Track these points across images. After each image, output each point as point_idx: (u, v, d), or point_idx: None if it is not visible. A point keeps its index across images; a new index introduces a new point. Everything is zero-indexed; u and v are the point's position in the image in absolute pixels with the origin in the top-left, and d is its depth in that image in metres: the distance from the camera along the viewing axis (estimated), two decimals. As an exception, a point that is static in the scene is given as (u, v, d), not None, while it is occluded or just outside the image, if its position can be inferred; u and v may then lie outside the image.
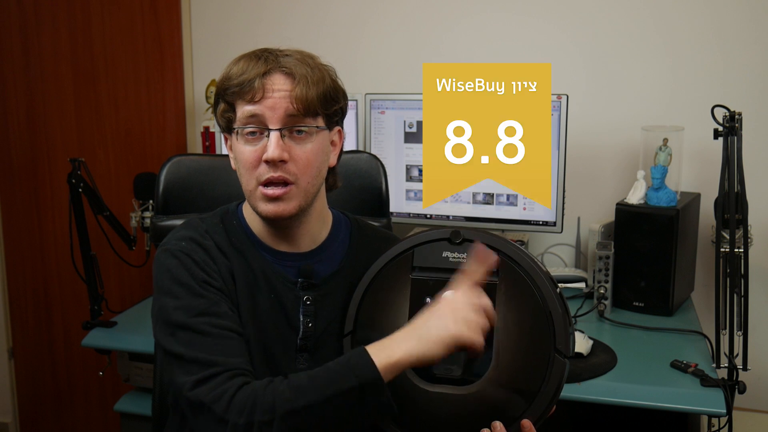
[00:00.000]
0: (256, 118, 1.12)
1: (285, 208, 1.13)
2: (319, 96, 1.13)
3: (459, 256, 1.13)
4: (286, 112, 1.11)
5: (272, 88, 1.11)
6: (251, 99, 1.11)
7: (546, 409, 1.07)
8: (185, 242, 1.16)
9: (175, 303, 1.11)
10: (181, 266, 1.13)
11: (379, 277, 1.17)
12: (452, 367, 1.09)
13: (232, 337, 1.09)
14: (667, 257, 1.91)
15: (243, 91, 1.12)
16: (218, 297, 1.12)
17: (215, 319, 1.09)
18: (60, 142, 2.75)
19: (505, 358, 1.07)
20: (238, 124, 1.14)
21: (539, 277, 1.09)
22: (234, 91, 1.12)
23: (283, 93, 1.11)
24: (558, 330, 1.07)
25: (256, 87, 1.11)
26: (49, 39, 2.69)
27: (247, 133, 1.13)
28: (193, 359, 1.06)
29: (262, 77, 1.11)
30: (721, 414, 1.48)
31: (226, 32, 2.53)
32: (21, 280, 2.90)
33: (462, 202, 2.15)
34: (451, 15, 2.32)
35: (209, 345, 1.07)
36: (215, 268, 1.15)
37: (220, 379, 1.04)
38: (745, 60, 2.11)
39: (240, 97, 1.12)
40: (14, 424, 2.98)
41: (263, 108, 1.11)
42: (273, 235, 1.21)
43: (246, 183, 1.15)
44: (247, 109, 1.12)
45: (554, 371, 1.06)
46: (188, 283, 1.12)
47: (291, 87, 1.12)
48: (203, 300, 1.11)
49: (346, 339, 1.18)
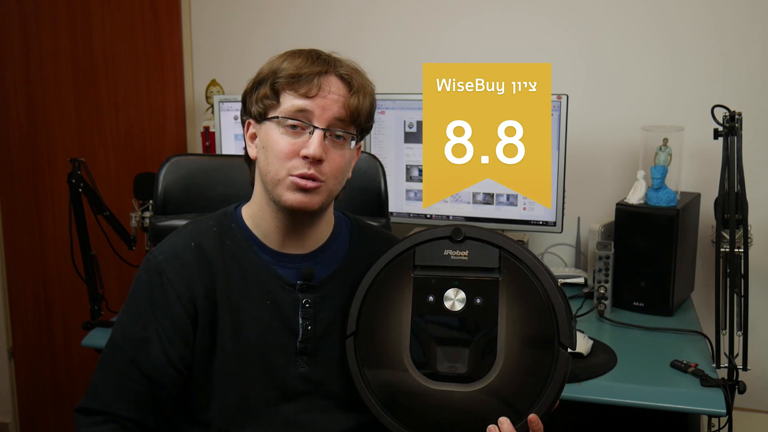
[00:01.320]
0: (304, 113, 1.12)
1: (311, 200, 1.14)
2: (367, 109, 1.16)
3: (460, 254, 1.13)
4: (335, 116, 1.13)
5: (329, 89, 1.12)
6: (305, 93, 1.12)
7: (552, 404, 1.07)
8: (164, 257, 1.17)
9: (122, 317, 1.18)
10: (146, 285, 1.16)
11: (380, 276, 1.17)
12: (457, 365, 1.09)
13: (140, 383, 1.13)
14: (667, 257, 1.91)
15: (298, 84, 1.12)
16: (160, 331, 1.14)
17: (139, 355, 1.13)
18: (60, 142, 2.75)
19: (509, 355, 1.08)
20: (283, 114, 1.13)
21: (541, 272, 1.10)
22: (287, 81, 1.12)
23: (336, 96, 1.13)
24: (561, 324, 1.07)
25: (314, 83, 1.11)
26: (49, 39, 2.69)
27: (290, 125, 1.13)
28: (95, 384, 1.15)
29: (321, 76, 1.12)
30: (721, 414, 1.47)
31: (226, 32, 2.53)
32: (21, 280, 2.90)
33: (462, 202, 2.15)
34: (451, 15, 2.32)
35: (115, 380, 1.13)
36: (183, 291, 1.15)
37: (97, 419, 1.13)
38: (745, 60, 2.11)
39: (292, 89, 1.12)
40: (14, 424, 2.98)
41: (314, 105, 1.12)
42: (281, 234, 1.20)
43: (275, 172, 1.13)
44: (298, 102, 1.12)
45: (559, 365, 1.06)
46: (141, 305, 1.15)
47: (346, 93, 1.14)
48: (141, 329, 1.14)
49: (348, 339, 1.17)
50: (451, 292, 1.13)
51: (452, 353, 1.10)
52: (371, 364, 1.15)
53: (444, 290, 1.13)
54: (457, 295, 1.12)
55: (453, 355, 1.09)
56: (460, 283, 1.12)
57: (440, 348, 1.11)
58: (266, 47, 2.56)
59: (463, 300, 1.12)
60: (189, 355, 1.15)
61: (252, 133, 1.19)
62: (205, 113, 2.51)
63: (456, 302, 1.12)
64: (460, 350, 1.09)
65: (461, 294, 1.12)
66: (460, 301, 1.12)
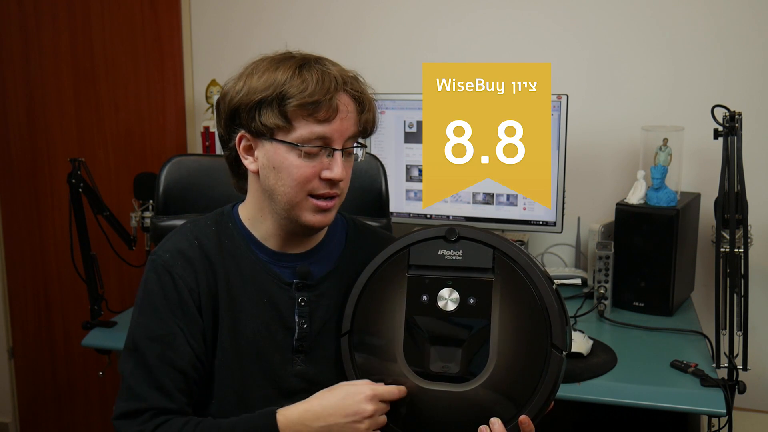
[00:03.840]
0: (323, 139, 1.11)
1: (330, 218, 1.17)
2: (374, 119, 1.17)
3: (455, 254, 1.14)
4: (350, 134, 1.13)
5: (345, 110, 1.12)
6: (323, 119, 1.10)
7: (544, 405, 1.07)
8: (169, 255, 1.17)
9: (139, 319, 1.16)
10: (158, 283, 1.15)
11: (375, 276, 1.17)
12: (450, 365, 1.09)
13: (175, 375, 1.12)
14: (667, 257, 1.91)
15: (316, 110, 1.09)
16: (182, 326, 1.14)
17: (167, 351, 1.12)
18: (60, 142, 2.75)
19: (502, 355, 1.08)
20: (302, 141, 1.10)
21: (535, 273, 1.10)
22: (302, 107, 1.09)
23: (351, 116, 1.13)
24: (554, 325, 1.07)
25: (331, 108, 1.09)
26: (49, 39, 2.69)
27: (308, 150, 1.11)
28: (129, 386, 1.12)
29: (333, 98, 1.10)
30: (721, 414, 1.47)
31: (226, 32, 2.53)
32: (21, 280, 2.90)
33: (462, 202, 2.15)
34: (451, 15, 2.32)
35: (149, 378, 1.12)
36: (194, 286, 1.15)
37: (144, 417, 1.10)
38: (745, 60, 2.11)
39: (308, 114, 1.09)
40: (14, 424, 2.98)
41: (332, 130, 1.11)
42: (280, 238, 1.20)
43: (293, 195, 1.13)
44: (317, 129, 1.10)
45: (551, 367, 1.06)
46: (157, 303, 1.15)
47: (357, 110, 1.14)
48: (164, 326, 1.13)
49: (343, 338, 1.18)
50: (445, 291, 1.13)
51: (445, 353, 1.10)
52: (365, 362, 1.15)
53: (438, 290, 1.13)
54: (450, 295, 1.12)
55: (446, 355, 1.09)
56: (454, 283, 1.12)
57: (433, 348, 1.11)
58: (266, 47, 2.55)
59: (457, 300, 1.12)
60: (204, 347, 1.16)
61: (247, 146, 1.15)
62: (205, 113, 2.51)
63: (449, 302, 1.12)
64: (453, 350, 1.09)
65: (455, 294, 1.12)
66: (454, 301, 1.12)
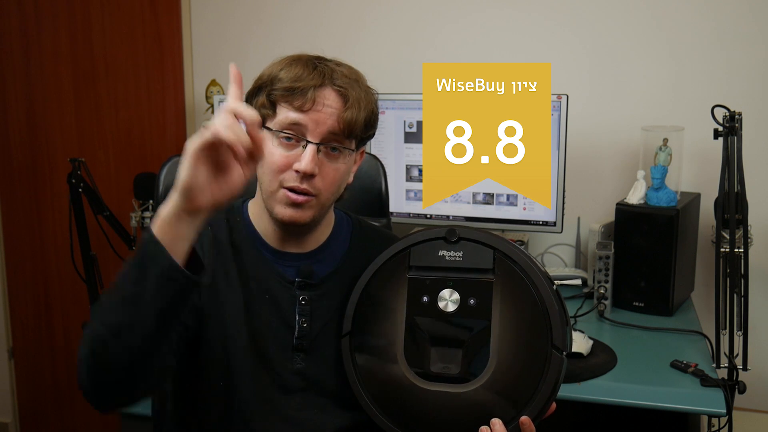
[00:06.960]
0: (298, 127, 1.11)
1: (302, 215, 1.14)
2: (364, 121, 1.15)
3: (455, 255, 1.14)
4: (329, 130, 1.12)
5: (323, 102, 1.11)
6: (299, 107, 1.11)
7: (545, 406, 1.06)
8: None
9: None
10: None
11: (376, 276, 1.17)
12: (450, 366, 1.09)
13: None
14: (667, 257, 1.91)
15: (293, 97, 1.11)
16: None
17: None
18: (60, 142, 2.75)
19: (502, 356, 1.08)
20: (276, 126, 1.12)
21: (535, 274, 1.09)
22: (282, 93, 1.11)
23: (331, 110, 1.12)
24: (555, 326, 1.07)
25: (308, 97, 1.10)
26: (49, 39, 2.69)
27: (284, 137, 1.12)
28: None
29: (316, 89, 1.11)
30: (721, 414, 1.48)
31: (226, 32, 2.53)
32: (21, 280, 2.89)
33: (462, 202, 2.15)
34: (451, 15, 2.32)
35: None
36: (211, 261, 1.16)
37: None
38: (745, 60, 2.11)
39: (286, 101, 1.12)
40: (14, 424, 2.98)
41: (308, 119, 1.11)
42: (279, 236, 1.21)
43: (268, 184, 1.14)
44: (291, 115, 1.11)
45: (552, 368, 1.06)
46: None
47: (341, 106, 1.12)
48: None
49: (344, 339, 1.18)
50: (446, 292, 1.13)
51: (446, 354, 1.10)
52: (366, 363, 1.15)
53: (438, 291, 1.13)
54: (451, 295, 1.12)
55: (446, 356, 1.09)
56: (454, 284, 1.12)
57: (434, 348, 1.11)
58: (266, 47, 2.58)
59: (457, 301, 1.12)
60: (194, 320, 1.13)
61: None
62: (205, 113, 2.51)
63: (450, 303, 1.12)
64: (454, 351, 1.09)
65: (455, 295, 1.12)
66: (454, 302, 1.12)
